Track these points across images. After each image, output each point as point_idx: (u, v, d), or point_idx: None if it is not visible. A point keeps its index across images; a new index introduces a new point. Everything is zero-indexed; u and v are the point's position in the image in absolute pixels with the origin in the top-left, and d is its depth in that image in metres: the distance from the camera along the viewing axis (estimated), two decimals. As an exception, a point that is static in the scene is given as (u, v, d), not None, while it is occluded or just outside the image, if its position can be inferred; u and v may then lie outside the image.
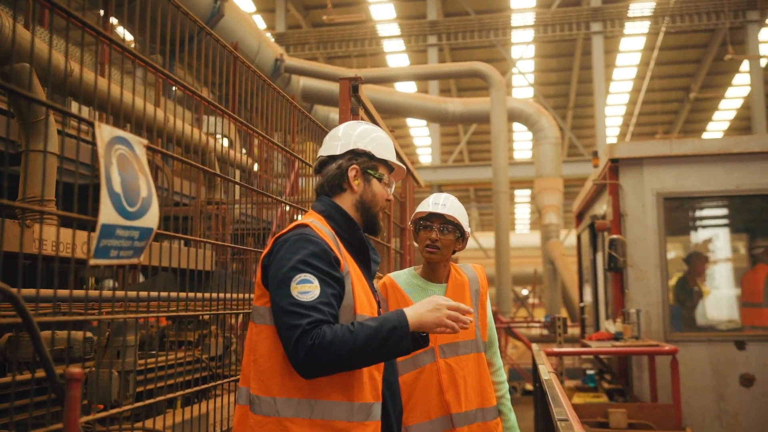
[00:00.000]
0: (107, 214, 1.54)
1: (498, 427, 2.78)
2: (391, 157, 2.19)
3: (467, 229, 2.80)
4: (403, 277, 2.85)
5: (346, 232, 2.06)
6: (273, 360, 1.89)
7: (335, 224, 2.05)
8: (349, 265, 1.98)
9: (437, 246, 2.73)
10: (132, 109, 2.31)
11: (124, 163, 1.62)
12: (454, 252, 2.81)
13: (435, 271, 2.81)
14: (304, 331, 1.77)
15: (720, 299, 6.48)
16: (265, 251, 1.98)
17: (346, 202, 2.10)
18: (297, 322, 1.79)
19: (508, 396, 2.90)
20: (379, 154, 2.14)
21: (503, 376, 2.93)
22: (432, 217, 2.76)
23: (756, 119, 17.96)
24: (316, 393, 1.86)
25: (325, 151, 2.15)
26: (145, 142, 1.73)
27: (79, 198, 1.89)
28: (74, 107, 5.67)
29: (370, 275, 2.13)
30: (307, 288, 1.82)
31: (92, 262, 1.52)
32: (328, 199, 2.10)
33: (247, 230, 4.99)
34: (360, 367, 1.87)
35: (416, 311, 1.90)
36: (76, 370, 1.34)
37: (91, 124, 1.54)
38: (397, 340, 1.83)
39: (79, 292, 3.06)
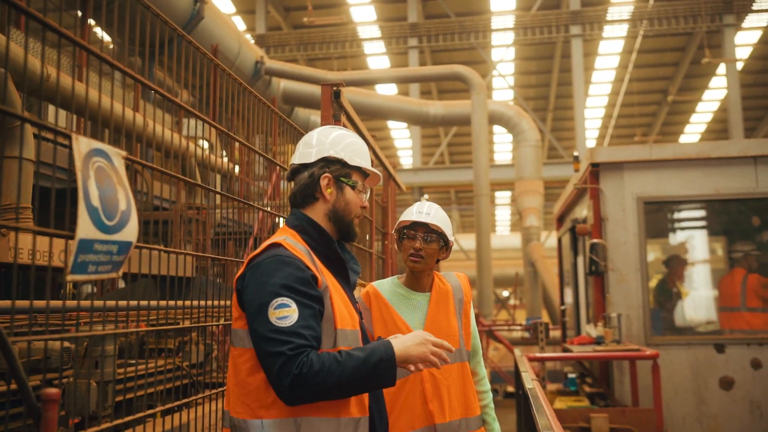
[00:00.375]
0: (85, 228, 1.50)
1: (482, 436, 2.76)
2: (366, 164, 2.13)
3: (451, 238, 2.78)
4: (386, 286, 2.82)
5: (321, 245, 2.02)
6: (256, 382, 1.86)
7: (309, 238, 2.02)
8: (326, 279, 1.94)
9: (421, 255, 2.71)
10: (110, 114, 2.26)
11: (102, 176, 1.58)
12: (437, 261, 2.80)
13: (419, 280, 2.79)
14: (288, 359, 1.75)
15: (699, 302, 6.54)
16: (238, 274, 1.94)
17: (318, 211, 2.06)
18: (278, 349, 1.76)
19: (492, 405, 2.89)
20: (352, 161, 2.09)
21: (487, 385, 2.92)
22: (416, 225, 2.73)
23: (732, 122, 18.18)
24: (302, 411, 1.83)
25: (298, 158, 2.10)
26: (124, 153, 1.69)
27: (56, 203, 1.84)
28: (51, 111, 5.59)
29: (349, 286, 2.10)
30: (285, 312, 1.79)
31: (69, 278, 1.48)
32: (300, 213, 2.07)
33: (228, 235, 4.94)
34: (344, 396, 1.85)
35: (403, 344, 1.90)
36: (52, 390, 1.30)
37: (68, 137, 1.50)
38: (383, 372, 1.83)
39: (56, 303, 3.01)
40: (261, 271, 1.86)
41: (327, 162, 2.06)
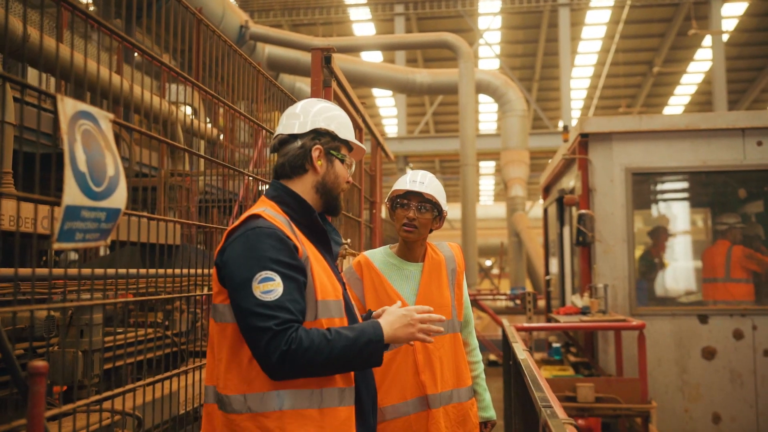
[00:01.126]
0: (72, 194, 1.43)
1: (473, 407, 2.76)
2: (352, 137, 2.12)
3: (445, 208, 2.74)
4: (378, 256, 2.78)
5: (301, 216, 1.99)
6: (239, 357, 1.83)
7: (289, 209, 1.98)
8: (307, 249, 1.91)
9: (414, 225, 2.67)
10: (94, 77, 2.18)
11: (89, 140, 1.51)
12: (431, 231, 2.76)
13: (411, 251, 2.75)
14: (275, 334, 1.72)
15: (684, 274, 6.59)
16: (218, 248, 1.90)
17: (306, 183, 2.03)
18: (265, 324, 1.73)
19: (483, 376, 2.88)
20: (341, 134, 2.07)
21: (479, 355, 2.91)
22: (409, 195, 2.69)
23: (717, 94, 18.20)
24: (285, 384, 1.81)
25: (284, 129, 2.06)
26: (112, 116, 1.62)
27: (41, 169, 1.77)
28: (32, 75, 5.43)
29: (332, 257, 2.08)
30: (270, 286, 1.76)
31: (56, 246, 1.42)
32: (280, 184, 2.03)
33: (213, 203, 4.86)
34: (331, 374, 1.84)
35: (391, 326, 1.90)
36: (39, 363, 1.25)
37: (53, 98, 1.43)
38: (372, 352, 1.84)
39: (42, 271, 2.94)
40: (242, 245, 1.83)
41: (317, 134, 2.03)
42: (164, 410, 2.92)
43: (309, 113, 2.06)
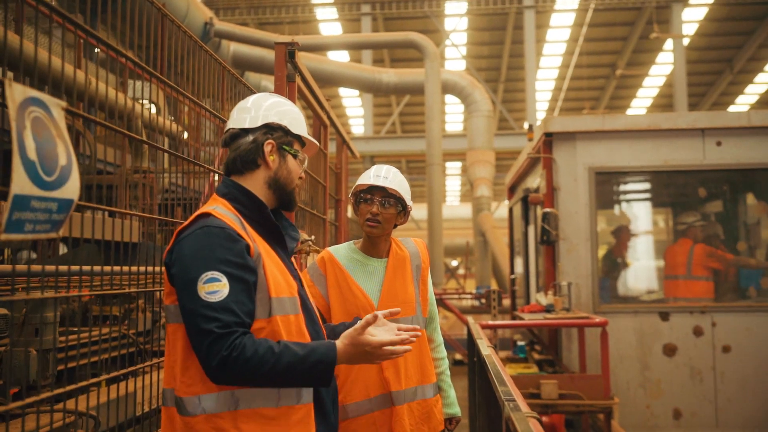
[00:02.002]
0: (20, 183, 1.37)
1: (438, 404, 2.74)
2: (305, 133, 2.07)
3: (409, 203, 2.72)
4: (342, 252, 2.75)
5: (253, 212, 1.94)
6: (191, 359, 1.79)
7: (240, 206, 1.93)
8: (259, 246, 1.86)
9: (378, 220, 2.64)
10: (57, 72, 2.11)
11: (39, 128, 1.45)
12: (395, 226, 2.74)
13: (376, 246, 2.73)
14: (217, 337, 1.68)
15: (646, 272, 6.68)
16: (167, 248, 1.86)
17: (258, 179, 1.97)
18: (207, 326, 1.69)
19: (448, 372, 2.87)
20: (294, 129, 2.02)
21: (443, 352, 2.90)
22: (373, 189, 2.66)
23: (677, 97, 18.56)
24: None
25: (234, 123, 2.00)
26: (64, 104, 1.56)
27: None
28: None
29: (287, 253, 2.03)
30: (214, 287, 1.72)
31: (3, 237, 1.36)
32: (231, 181, 1.98)
33: (177, 201, 4.77)
34: (274, 386, 1.79)
35: (347, 354, 1.81)
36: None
37: (0, 83, 1.37)
38: (319, 374, 1.77)
39: (4, 268, 2.85)
40: (190, 244, 1.78)
41: (270, 128, 1.98)
42: (122, 411, 2.84)
43: (261, 107, 2.01)
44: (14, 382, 2.55)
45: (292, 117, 2.04)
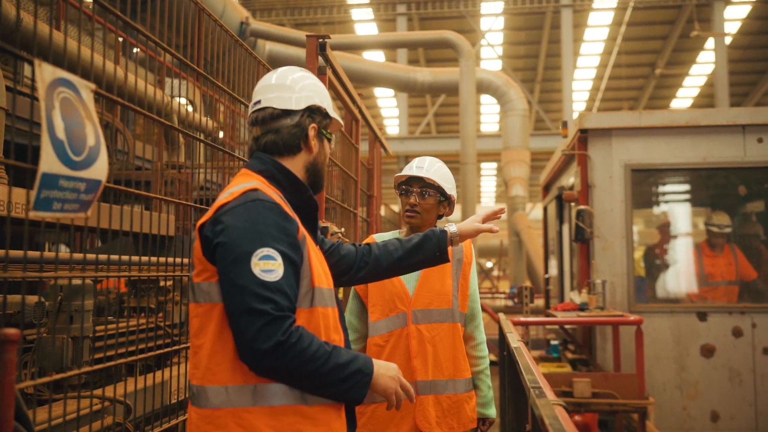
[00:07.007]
0: (49, 162, 1.40)
1: (471, 400, 2.73)
2: (334, 113, 1.99)
3: (451, 193, 2.72)
4: (386, 239, 2.76)
5: (292, 194, 1.83)
6: (222, 343, 1.65)
7: (279, 186, 1.82)
8: (303, 230, 1.77)
9: (416, 210, 2.68)
10: (98, 70, 2.15)
11: (68, 108, 1.48)
12: (441, 217, 2.74)
13: (417, 236, 2.73)
14: (273, 319, 1.56)
15: (685, 272, 6.53)
16: (201, 220, 1.72)
17: (298, 162, 1.88)
18: (261, 306, 1.56)
19: (488, 372, 2.83)
20: (331, 112, 1.95)
21: (485, 351, 2.86)
22: (412, 180, 2.69)
23: (719, 97, 18.15)
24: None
25: (276, 102, 1.86)
26: (93, 86, 1.59)
27: (33, 161, 1.74)
28: (27, 71, 5.41)
29: (316, 240, 1.94)
30: (271, 265, 1.59)
31: (32, 215, 1.39)
32: (270, 158, 1.85)
33: (212, 198, 4.83)
34: (303, 389, 1.66)
35: (378, 369, 1.74)
36: (10, 330, 1.22)
37: (30, 63, 1.40)
38: (357, 384, 1.68)
39: (33, 254, 2.92)
40: (243, 215, 1.65)
41: (311, 111, 1.89)
42: (155, 399, 2.89)
43: (301, 87, 1.90)
44: (49, 368, 2.61)
45: (324, 95, 1.97)
